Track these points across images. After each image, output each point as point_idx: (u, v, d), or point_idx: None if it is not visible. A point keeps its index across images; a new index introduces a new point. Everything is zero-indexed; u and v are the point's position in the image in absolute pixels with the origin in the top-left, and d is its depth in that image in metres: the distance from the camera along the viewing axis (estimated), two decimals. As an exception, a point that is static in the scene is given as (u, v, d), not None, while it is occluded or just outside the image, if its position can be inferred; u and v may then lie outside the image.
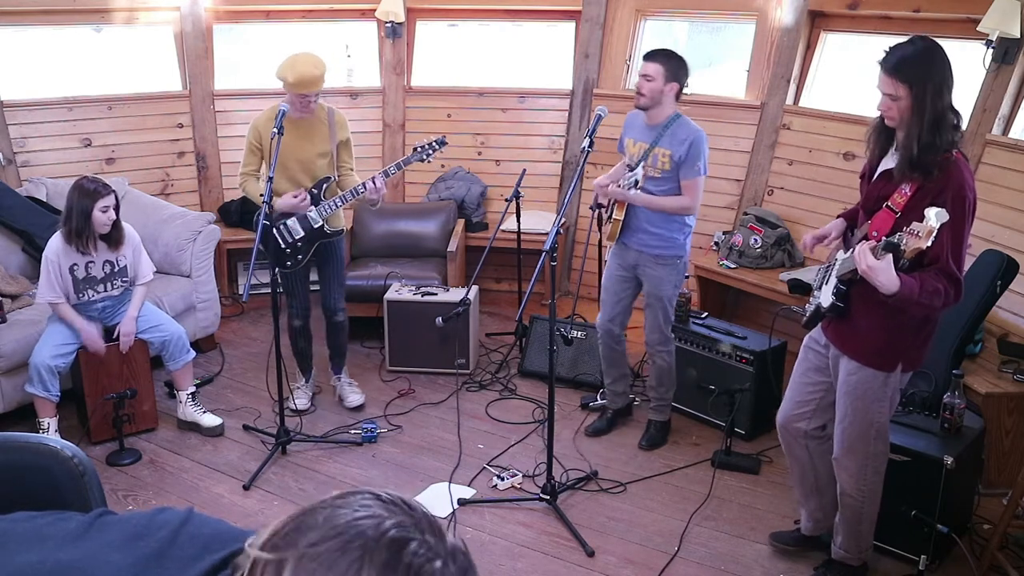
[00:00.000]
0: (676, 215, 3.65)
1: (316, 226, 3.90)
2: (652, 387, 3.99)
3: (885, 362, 2.66)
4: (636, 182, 3.60)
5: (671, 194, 3.64)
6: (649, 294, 3.79)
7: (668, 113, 3.61)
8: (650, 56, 3.57)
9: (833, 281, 2.72)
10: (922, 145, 2.40)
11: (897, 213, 2.50)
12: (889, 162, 2.59)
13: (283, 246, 3.90)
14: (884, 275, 2.33)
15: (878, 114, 2.58)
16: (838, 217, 2.92)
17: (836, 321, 2.75)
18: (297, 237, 3.88)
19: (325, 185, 3.92)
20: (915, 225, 2.26)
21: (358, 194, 3.85)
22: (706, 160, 3.61)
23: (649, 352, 3.92)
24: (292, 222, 3.87)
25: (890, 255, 2.32)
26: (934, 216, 2.20)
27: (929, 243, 2.22)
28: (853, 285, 2.63)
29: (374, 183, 3.80)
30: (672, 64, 3.54)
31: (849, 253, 2.64)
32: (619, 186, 3.67)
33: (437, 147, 3.94)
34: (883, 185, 2.59)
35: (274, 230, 3.86)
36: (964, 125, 4.20)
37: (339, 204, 3.90)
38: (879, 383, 2.68)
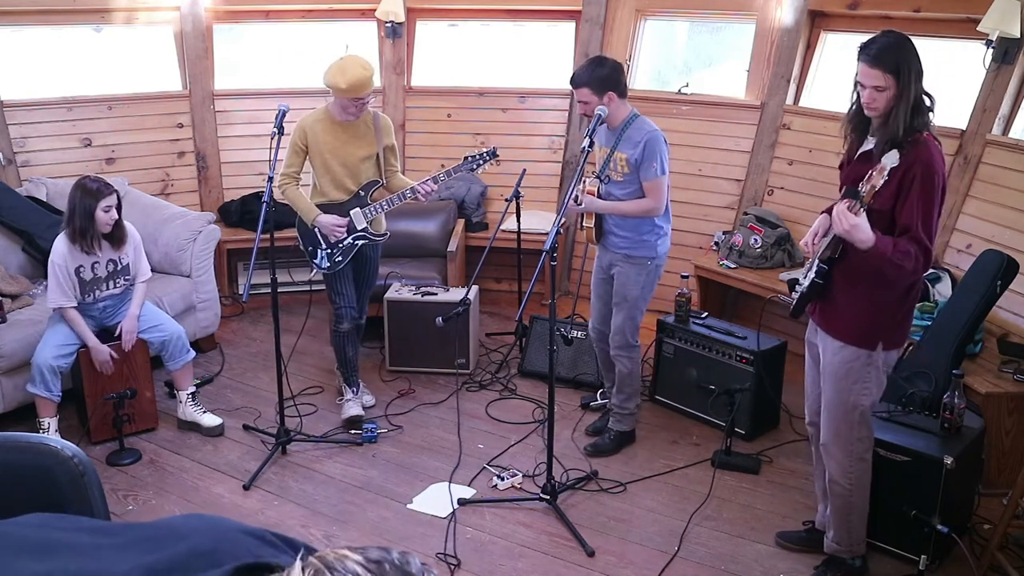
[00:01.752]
0: (643, 218, 3.65)
1: (360, 228, 3.92)
2: (613, 393, 3.96)
3: (866, 339, 2.74)
4: (576, 196, 3.61)
5: (635, 196, 3.63)
6: (616, 293, 3.79)
7: (623, 116, 3.62)
8: (574, 82, 3.57)
9: (815, 263, 2.80)
10: (906, 128, 2.55)
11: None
12: (866, 146, 2.71)
13: (325, 247, 3.92)
14: (863, 231, 2.50)
15: (850, 103, 2.72)
16: (822, 213, 2.96)
17: (822, 305, 2.85)
18: (341, 239, 3.90)
19: (373, 188, 3.94)
20: (871, 173, 2.47)
21: (405, 198, 3.88)
22: (664, 160, 3.56)
23: (612, 355, 3.90)
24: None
25: (864, 211, 2.50)
26: (886, 158, 2.45)
27: (883, 180, 2.44)
28: (834, 264, 2.74)
29: (423, 188, 3.84)
30: (596, 77, 3.52)
31: (830, 237, 2.74)
32: (575, 202, 3.64)
33: (488, 158, 3.95)
34: (859, 166, 2.70)
35: (316, 231, 3.89)
36: (966, 121, 4.28)
37: (386, 207, 3.93)
38: (861, 363, 2.75)
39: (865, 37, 2.62)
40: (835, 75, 5.08)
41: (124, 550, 0.98)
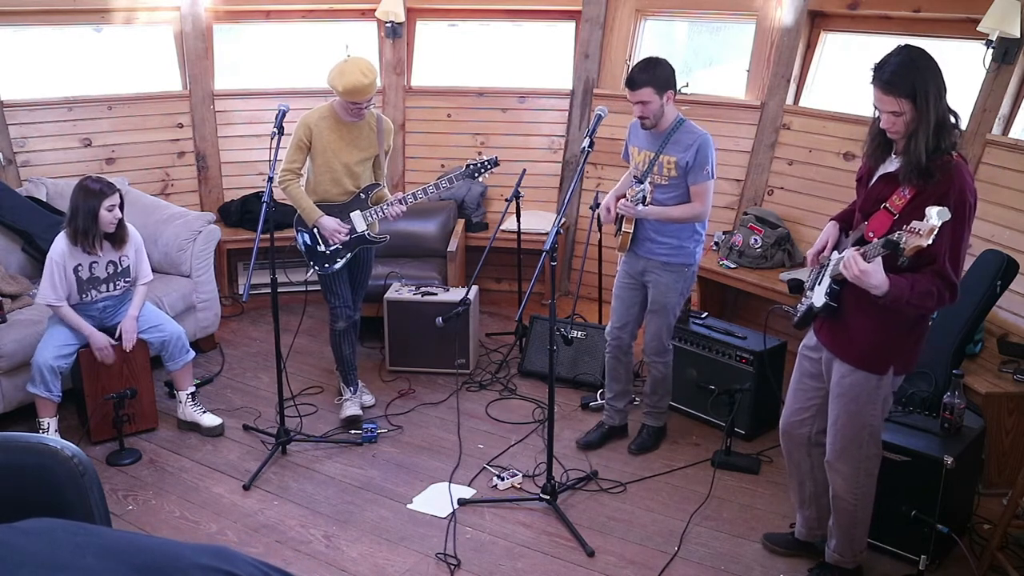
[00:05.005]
0: (687, 223, 3.62)
1: (360, 231, 3.92)
2: (647, 394, 3.97)
3: (877, 364, 2.66)
4: (644, 197, 3.53)
5: (680, 200, 3.59)
6: (654, 301, 3.74)
7: (671, 119, 3.56)
8: (634, 83, 3.44)
9: (827, 281, 2.73)
10: (930, 151, 2.40)
11: (895, 215, 2.50)
12: (890, 165, 2.59)
13: (323, 248, 3.91)
14: (875, 278, 2.38)
15: (874, 117, 2.56)
16: (830, 221, 2.90)
17: (829, 323, 2.76)
18: (339, 241, 3.90)
19: (373, 192, 3.94)
20: (915, 223, 2.27)
21: (407, 203, 3.89)
22: (714, 163, 3.55)
23: (646, 361, 3.90)
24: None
25: (879, 257, 2.36)
26: (936, 215, 2.22)
27: (930, 241, 2.23)
28: (846, 285, 2.63)
29: (426, 195, 3.86)
30: (657, 75, 3.44)
31: (843, 254, 2.65)
32: (628, 201, 3.58)
33: (489, 167, 3.95)
34: (882, 187, 2.58)
35: (315, 231, 3.89)
36: (963, 125, 4.27)
37: (386, 211, 3.92)
38: (871, 386, 2.68)
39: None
40: (835, 75, 5.08)
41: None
